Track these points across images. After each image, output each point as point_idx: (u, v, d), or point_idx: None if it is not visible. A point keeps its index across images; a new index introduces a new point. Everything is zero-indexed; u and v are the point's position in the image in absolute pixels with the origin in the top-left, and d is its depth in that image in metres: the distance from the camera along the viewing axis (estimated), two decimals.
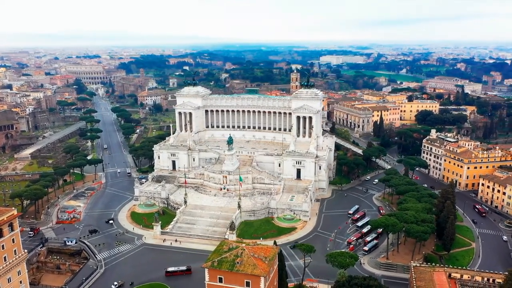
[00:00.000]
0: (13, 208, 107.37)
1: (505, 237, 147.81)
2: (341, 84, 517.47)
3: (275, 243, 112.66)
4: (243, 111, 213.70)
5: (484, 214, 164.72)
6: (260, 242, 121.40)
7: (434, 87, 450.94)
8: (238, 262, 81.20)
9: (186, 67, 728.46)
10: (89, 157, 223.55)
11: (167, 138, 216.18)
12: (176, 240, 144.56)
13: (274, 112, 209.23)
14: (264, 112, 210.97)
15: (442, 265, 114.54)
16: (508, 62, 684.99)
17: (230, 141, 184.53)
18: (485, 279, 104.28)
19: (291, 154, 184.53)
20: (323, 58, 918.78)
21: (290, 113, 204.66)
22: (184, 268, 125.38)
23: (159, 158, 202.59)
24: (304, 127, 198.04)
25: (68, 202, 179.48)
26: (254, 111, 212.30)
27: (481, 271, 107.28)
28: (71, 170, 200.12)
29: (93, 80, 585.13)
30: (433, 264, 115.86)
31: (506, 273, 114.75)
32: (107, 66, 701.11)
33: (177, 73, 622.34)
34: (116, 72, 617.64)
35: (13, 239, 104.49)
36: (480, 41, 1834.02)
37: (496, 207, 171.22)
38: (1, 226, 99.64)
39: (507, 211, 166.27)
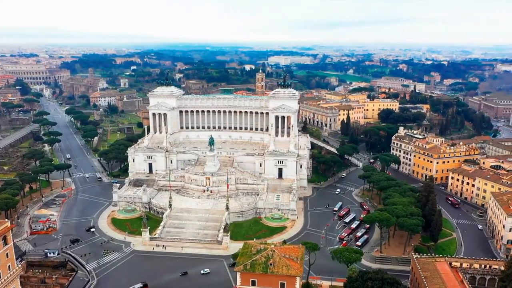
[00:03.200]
0: (6, 220, 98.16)
1: (480, 226, 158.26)
2: (295, 84, 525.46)
3: (284, 242, 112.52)
4: (219, 111, 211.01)
5: (457, 206, 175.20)
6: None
7: (384, 87, 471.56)
8: (271, 264, 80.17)
9: (134, 67, 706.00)
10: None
11: (140, 140, 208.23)
12: (163, 246, 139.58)
13: (251, 112, 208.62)
14: (240, 112, 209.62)
15: (441, 255, 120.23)
16: (445, 63, 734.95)
17: (211, 142, 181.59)
18: (483, 265, 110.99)
19: (273, 154, 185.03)
20: (272, 59, 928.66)
21: (267, 113, 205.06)
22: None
23: (133, 161, 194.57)
24: (283, 127, 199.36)
25: (39, 211, 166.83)
26: (230, 111, 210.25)
27: (479, 259, 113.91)
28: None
29: (35, 81, 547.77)
30: (427, 255, 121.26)
31: (500, 259, 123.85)
32: (48, 66, 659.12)
33: (127, 73, 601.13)
34: (60, 72, 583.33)
35: (7, 254, 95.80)
36: (413, 43, 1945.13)
37: (466, 198, 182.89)
38: None
39: (476, 201, 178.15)
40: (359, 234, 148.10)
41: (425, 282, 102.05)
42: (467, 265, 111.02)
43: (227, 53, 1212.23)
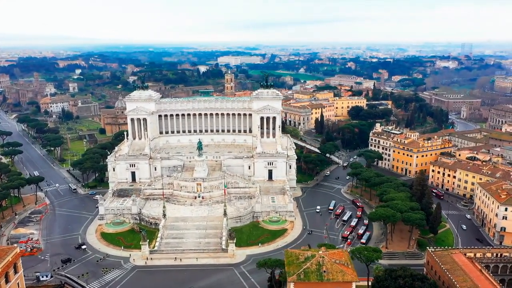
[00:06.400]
0: (15, 245, 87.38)
1: (468, 216, 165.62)
2: (253, 84, 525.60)
3: (309, 246, 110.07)
4: (200, 114, 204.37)
5: (441, 197, 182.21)
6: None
7: (346, 85, 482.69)
8: (324, 271, 77.57)
9: (79, 70, 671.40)
10: None
11: (116, 148, 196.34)
12: (175, 258, 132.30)
13: (233, 114, 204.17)
14: (222, 114, 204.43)
15: (456, 247, 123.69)
16: (390, 60, 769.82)
17: (200, 147, 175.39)
18: (494, 254, 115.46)
19: (263, 156, 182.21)
20: (221, 59, 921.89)
21: (250, 114, 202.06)
22: None
23: (114, 170, 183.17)
24: (268, 128, 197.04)
25: (17, 230, 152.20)
26: (211, 114, 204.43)
27: (490, 248, 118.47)
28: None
29: None
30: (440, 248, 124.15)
31: (495, 246, 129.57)
32: None
33: (75, 77, 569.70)
34: None
35: (18, 283, 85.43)
36: (352, 42, 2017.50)
37: (447, 189, 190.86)
38: (8, 269, 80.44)
39: (458, 192, 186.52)
40: (360, 231, 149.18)
41: (448, 275, 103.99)
42: (480, 254, 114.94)
43: (173, 54, 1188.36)
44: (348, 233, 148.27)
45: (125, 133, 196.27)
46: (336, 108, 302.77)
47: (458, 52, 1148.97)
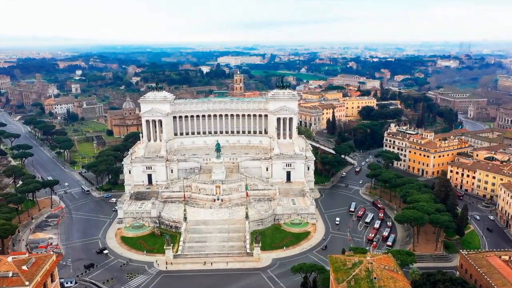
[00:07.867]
0: (51, 252, 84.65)
1: (491, 217, 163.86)
2: (256, 84, 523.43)
3: (345, 250, 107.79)
4: (215, 115, 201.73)
5: (461, 198, 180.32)
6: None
7: (354, 85, 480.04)
8: (375, 278, 75.22)
9: (80, 71, 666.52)
10: None
11: (131, 150, 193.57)
12: (204, 263, 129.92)
13: (249, 115, 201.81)
14: (237, 115, 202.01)
15: (491, 250, 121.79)
16: (392, 60, 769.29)
17: (218, 148, 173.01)
18: None
19: (281, 157, 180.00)
20: (221, 59, 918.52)
21: (265, 115, 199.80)
22: None
23: (130, 172, 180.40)
24: (284, 129, 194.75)
25: (35, 235, 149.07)
26: (226, 115, 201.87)
27: None
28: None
29: None
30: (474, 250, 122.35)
31: None
32: None
33: (76, 78, 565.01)
34: None
35: None
36: (350, 42, 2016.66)
37: (466, 190, 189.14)
38: (46, 278, 77.72)
39: (477, 193, 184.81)
40: (385, 233, 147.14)
41: (487, 278, 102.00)
42: None
43: (171, 54, 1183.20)
44: (373, 235, 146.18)
45: (140, 134, 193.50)
46: (347, 108, 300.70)
47: (456, 51, 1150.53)
